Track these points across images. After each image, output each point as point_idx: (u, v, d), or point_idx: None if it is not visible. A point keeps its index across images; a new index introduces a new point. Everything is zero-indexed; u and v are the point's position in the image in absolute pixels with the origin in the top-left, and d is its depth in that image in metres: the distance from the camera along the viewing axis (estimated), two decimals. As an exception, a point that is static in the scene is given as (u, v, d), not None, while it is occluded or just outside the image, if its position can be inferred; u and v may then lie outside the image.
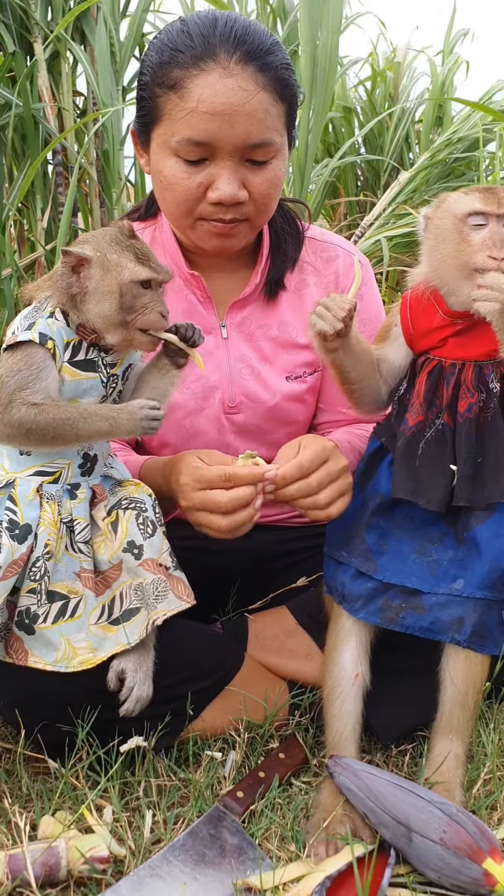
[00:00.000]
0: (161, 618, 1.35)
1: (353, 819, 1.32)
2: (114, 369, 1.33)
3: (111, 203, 3.88)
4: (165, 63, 1.47)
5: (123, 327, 1.29)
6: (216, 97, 1.42)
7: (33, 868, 1.20)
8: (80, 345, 1.30)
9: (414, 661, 1.45)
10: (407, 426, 1.42)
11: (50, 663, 1.31)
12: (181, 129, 1.45)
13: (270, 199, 1.54)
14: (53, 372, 1.26)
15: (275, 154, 1.50)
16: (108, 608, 1.36)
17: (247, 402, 1.67)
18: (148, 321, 1.29)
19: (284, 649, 1.60)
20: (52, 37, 3.66)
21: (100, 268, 1.26)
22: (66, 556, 1.33)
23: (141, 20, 4.04)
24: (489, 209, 1.34)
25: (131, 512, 1.37)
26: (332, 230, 4.82)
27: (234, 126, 1.43)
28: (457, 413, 1.39)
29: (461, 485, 1.37)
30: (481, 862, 1.20)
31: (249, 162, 1.48)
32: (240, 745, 1.49)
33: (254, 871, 1.24)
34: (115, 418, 1.27)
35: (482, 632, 1.37)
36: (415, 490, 1.39)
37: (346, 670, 1.44)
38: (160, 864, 1.24)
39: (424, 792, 1.28)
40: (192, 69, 1.43)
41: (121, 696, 1.36)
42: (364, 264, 1.77)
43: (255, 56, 1.45)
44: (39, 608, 1.31)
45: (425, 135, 4.77)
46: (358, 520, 1.47)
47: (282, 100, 1.49)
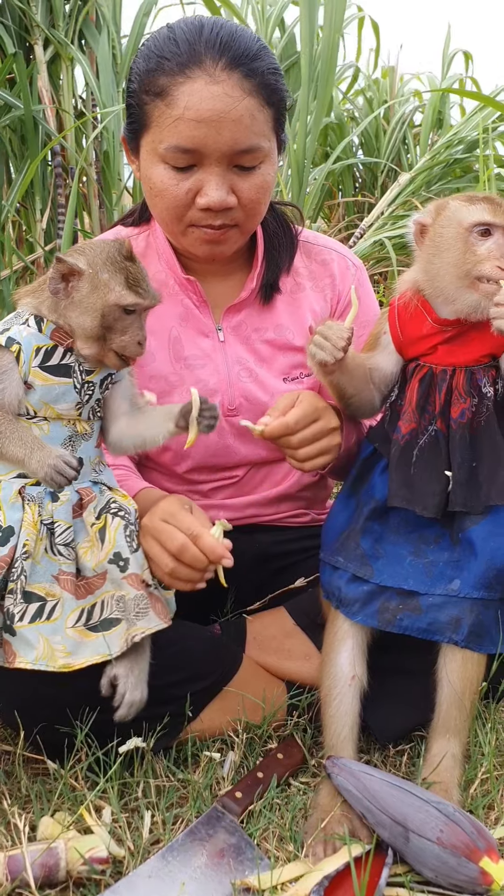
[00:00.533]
0: (140, 635, 1.34)
1: (351, 819, 1.32)
2: (90, 376, 1.33)
3: (110, 204, 3.89)
4: (152, 70, 1.47)
5: (100, 344, 1.29)
6: (202, 104, 1.42)
7: (32, 869, 1.21)
8: (55, 350, 1.31)
9: (411, 661, 1.45)
10: (400, 434, 1.43)
11: (31, 662, 1.30)
12: (168, 137, 1.45)
13: (259, 205, 1.54)
14: (14, 376, 1.28)
15: (263, 159, 1.50)
16: (88, 613, 1.35)
17: (246, 404, 1.67)
18: (123, 345, 1.29)
19: (282, 650, 1.61)
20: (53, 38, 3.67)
21: (89, 283, 1.27)
22: (44, 558, 1.33)
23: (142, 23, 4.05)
24: (497, 220, 1.35)
25: (120, 521, 1.37)
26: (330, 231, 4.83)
27: (221, 133, 1.43)
28: (450, 419, 1.40)
29: (457, 490, 1.37)
30: (478, 861, 1.20)
31: (237, 167, 1.48)
32: (238, 746, 1.50)
33: (252, 871, 1.25)
34: (29, 453, 1.28)
35: (479, 631, 1.38)
36: (410, 497, 1.40)
37: (344, 672, 1.44)
38: (159, 865, 1.25)
39: (422, 792, 1.29)
40: (178, 76, 1.44)
41: (114, 702, 1.35)
42: (358, 267, 1.77)
43: (240, 62, 1.45)
44: (15, 607, 1.30)
45: (424, 136, 4.79)
46: (353, 525, 1.48)
47: (269, 105, 1.49)
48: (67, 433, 1.34)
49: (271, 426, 1.42)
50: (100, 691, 1.36)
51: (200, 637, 1.57)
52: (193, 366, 1.65)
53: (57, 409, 1.32)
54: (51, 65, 3.82)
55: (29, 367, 1.29)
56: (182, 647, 1.49)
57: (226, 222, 1.51)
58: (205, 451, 1.68)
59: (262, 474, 1.75)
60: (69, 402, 1.32)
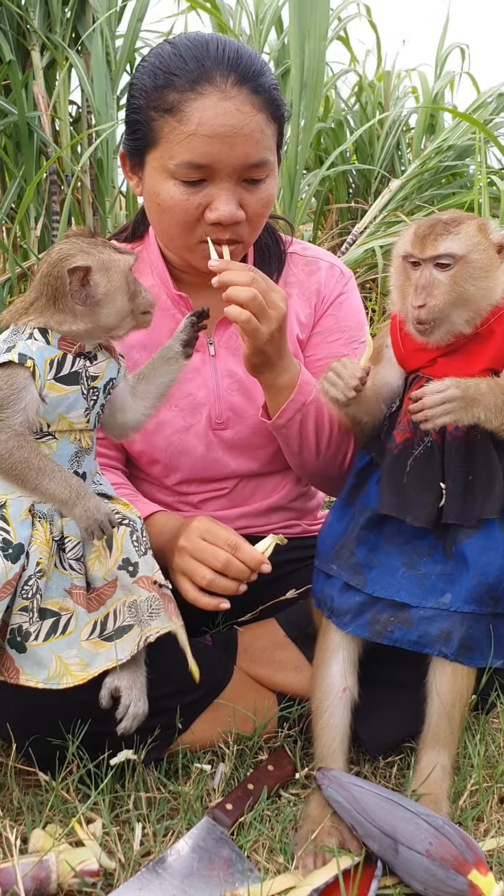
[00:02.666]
0: (154, 635, 1.36)
1: (341, 831, 1.33)
2: (95, 382, 1.35)
3: (104, 211, 3.90)
4: (160, 87, 1.48)
5: (132, 316, 1.33)
6: (216, 120, 1.44)
7: (24, 882, 1.21)
8: (65, 359, 1.31)
9: (402, 673, 1.46)
10: (394, 443, 1.44)
11: (42, 681, 1.31)
12: (180, 153, 1.46)
13: (263, 218, 1.57)
14: (33, 391, 1.28)
15: (269, 173, 1.53)
16: (101, 624, 1.36)
17: (234, 417, 1.68)
18: (147, 301, 1.35)
19: (273, 661, 1.61)
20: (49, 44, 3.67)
21: (101, 271, 1.29)
22: (55, 573, 1.34)
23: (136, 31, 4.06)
24: (415, 253, 1.37)
25: (125, 528, 1.39)
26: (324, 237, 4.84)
27: (234, 148, 1.45)
28: (445, 431, 1.41)
29: (451, 502, 1.38)
30: (467, 874, 1.21)
31: (246, 182, 1.50)
32: (229, 758, 1.51)
33: (242, 883, 1.26)
34: (75, 499, 1.28)
35: (469, 645, 1.39)
36: (400, 506, 1.41)
37: (334, 684, 1.45)
38: (149, 877, 1.25)
39: (411, 804, 1.30)
40: (189, 93, 1.45)
41: (117, 714, 1.36)
42: (346, 275, 1.78)
43: (248, 78, 1.47)
44: (31, 626, 1.31)
45: (416, 143, 4.80)
46: (348, 534, 1.49)
47: (274, 119, 1.52)
48: (74, 449, 1.35)
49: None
50: (92, 703, 1.36)
51: (192, 648, 1.57)
52: (182, 380, 1.65)
53: (69, 418, 1.32)
54: (47, 71, 3.82)
55: (44, 381, 1.29)
56: (173, 659, 1.49)
57: (233, 237, 1.52)
58: (194, 464, 1.69)
59: (252, 486, 1.76)
60: (80, 409, 1.33)
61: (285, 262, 1.74)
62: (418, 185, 4.35)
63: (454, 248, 1.35)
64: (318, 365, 1.73)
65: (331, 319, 1.74)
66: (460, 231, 1.36)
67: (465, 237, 1.36)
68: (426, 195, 4.40)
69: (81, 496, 1.28)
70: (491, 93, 4.69)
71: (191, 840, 1.32)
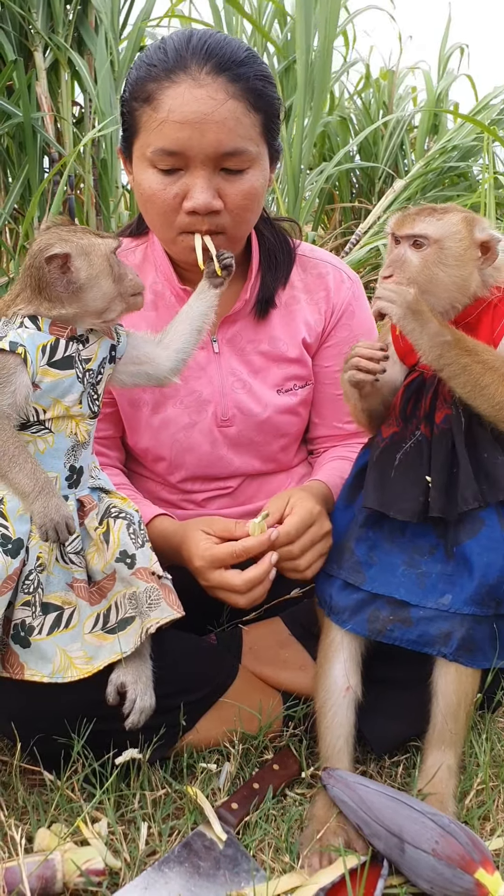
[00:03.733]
0: (154, 625, 1.36)
1: (347, 831, 1.33)
2: (89, 364, 1.35)
3: (108, 212, 3.90)
4: (142, 78, 1.50)
5: (119, 299, 1.34)
6: (185, 106, 1.44)
7: (29, 881, 1.21)
8: (57, 344, 1.32)
9: (407, 671, 1.46)
10: (381, 437, 1.45)
11: (47, 675, 1.32)
12: (155, 140, 1.47)
13: (247, 211, 1.55)
14: (24, 378, 1.28)
15: (250, 164, 1.51)
16: (104, 617, 1.37)
17: (239, 415, 1.68)
18: (134, 284, 1.35)
19: (278, 660, 1.61)
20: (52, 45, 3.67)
21: (81, 256, 1.30)
22: (57, 567, 1.34)
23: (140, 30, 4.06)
24: (395, 230, 1.41)
25: (122, 521, 1.39)
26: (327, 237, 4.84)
27: (205, 134, 1.45)
28: (434, 424, 1.41)
29: (435, 496, 1.38)
30: (473, 872, 1.21)
31: (224, 171, 1.50)
32: (234, 757, 1.50)
33: (248, 882, 1.25)
34: (37, 493, 1.27)
35: (470, 646, 1.38)
36: (385, 501, 1.41)
37: (338, 683, 1.45)
38: (155, 877, 1.25)
39: (417, 803, 1.29)
40: (164, 81, 1.46)
41: (124, 709, 1.37)
42: (354, 280, 1.78)
43: (226, 67, 1.47)
44: (34, 620, 1.32)
45: (420, 142, 4.80)
46: (348, 532, 1.48)
47: (256, 110, 1.50)
48: (70, 443, 1.35)
49: (273, 535, 1.44)
50: (97, 702, 1.37)
51: (196, 647, 1.57)
52: (187, 377, 1.66)
53: (65, 402, 1.33)
54: (50, 72, 3.83)
55: (37, 367, 1.29)
56: (178, 658, 1.49)
57: (212, 228, 1.52)
58: (199, 462, 1.69)
59: (256, 485, 1.76)
60: (75, 392, 1.33)
61: (293, 267, 1.73)
62: (422, 186, 4.35)
63: (429, 230, 1.37)
64: (335, 376, 1.73)
65: (345, 330, 1.75)
66: (444, 218, 1.38)
67: (445, 224, 1.37)
68: (430, 196, 4.39)
69: (44, 493, 1.27)
70: (496, 93, 4.69)
71: (197, 840, 1.31)
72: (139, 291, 1.36)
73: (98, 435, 1.66)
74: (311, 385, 1.74)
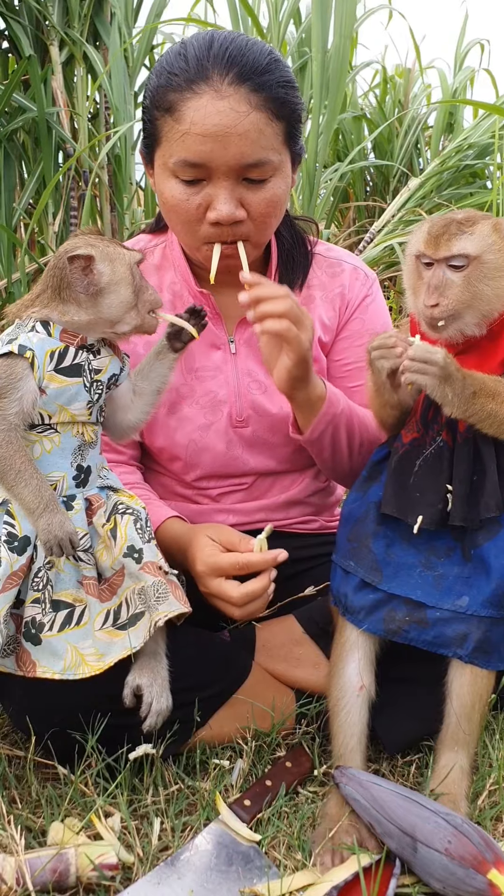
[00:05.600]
0: (163, 619, 1.36)
1: (359, 829, 1.33)
2: (98, 375, 1.36)
3: (122, 208, 3.90)
4: (162, 86, 1.49)
5: (135, 312, 1.34)
6: (207, 119, 1.43)
7: (43, 874, 1.22)
8: (66, 351, 1.32)
9: (421, 671, 1.46)
10: (401, 442, 1.43)
11: (58, 672, 1.33)
12: (177, 151, 1.47)
13: (270, 217, 1.55)
14: (31, 382, 1.29)
15: (272, 173, 1.50)
16: (115, 613, 1.37)
17: (254, 415, 1.68)
18: (153, 299, 1.36)
19: (292, 658, 1.61)
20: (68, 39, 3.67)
21: (105, 261, 1.31)
22: (67, 565, 1.35)
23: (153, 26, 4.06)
24: (428, 253, 1.35)
25: (129, 517, 1.40)
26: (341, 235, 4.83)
27: (228, 147, 1.44)
28: (457, 432, 1.40)
29: (458, 504, 1.37)
30: (486, 872, 1.21)
31: (247, 181, 1.49)
32: (247, 754, 1.51)
33: (261, 879, 1.26)
34: (42, 509, 1.28)
35: (486, 648, 1.38)
36: (402, 508, 1.40)
37: (352, 682, 1.45)
38: (168, 872, 1.26)
39: (430, 803, 1.29)
40: (186, 92, 1.45)
41: (141, 713, 1.37)
42: (371, 278, 1.78)
43: (248, 76, 1.44)
44: (45, 617, 1.33)
45: (435, 140, 4.78)
46: (364, 528, 1.48)
47: (279, 118, 1.48)
48: (77, 443, 1.36)
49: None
50: (110, 697, 1.37)
51: (210, 644, 1.58)
52: (203, 377, 1.66)
53: (71, 409, 1.33)
54: (65, 66, 3.83)
55: (43, 372, 1.30)
56: (192, 654, 1.50)
57: (235, 237, 1.51)
58: (214, 461, 1.70)
59: (271, 481, 1.76)
60: (81, 401, 1.34)
61: (311, 266, 1.73)
62: (437, 184, 4.33)
63: (468, 248, 1.33)
64: (346, 370, 1.73)
65: (358, 323, 1.74)
66: (475, 231, 1.34)
67: (479, 237, 1.34)
68: (445, 194, 4.38)
69: (49, 509, 1.28)
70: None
71: (209, 835, 1.32)
72: (156, 307, 1.37)
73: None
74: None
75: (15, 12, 3.64)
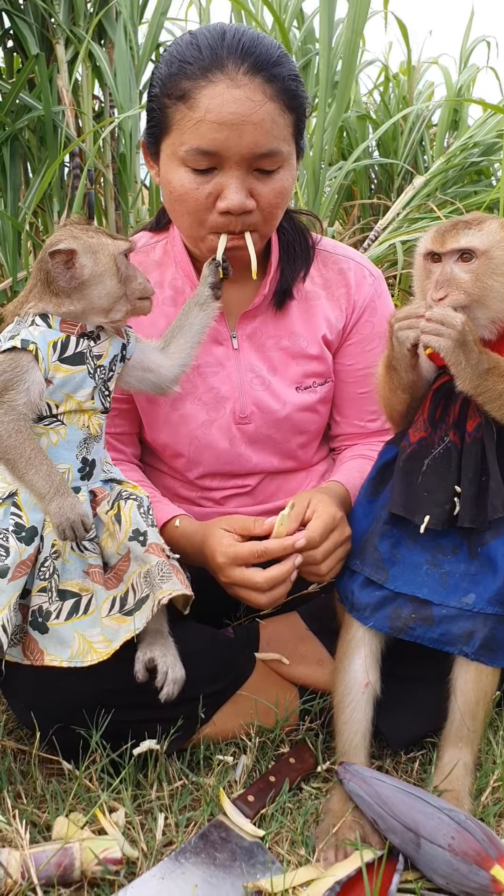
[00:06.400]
0: (166, 597, 1.36)
1: (363, 825, 1.33)
2: (100, 360, 1.38)
3: (126, 206, 3.90)
4: (174, 74, 1.49)
5: (125, 300, 1.36)
6: (224, 107, 1.44)
7: (47, 868, 1.22)
8: (68, 340, 1.34)
9: (425, 668, 1.46)
10: (408, 441, 1.43)
11: (66, 660, 1.34)
12: (190, 139, 1.47)
13: (277, 209, 1.56)
14: (37, 375, 1.31)
15: (282, 164, 1.52)
16: (122, 600, 1.38)
17: (257, 412, 1.68)
18: (142, 287, 1.37)
19: (295, 654, 1.61)
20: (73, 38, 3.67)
21: (88, 253, 1.32)
22: (72, 555, 1.37)
23: (159, 24, 4.05)
24: (436, 248, 1.37)
25: (132, 502, 1.42)
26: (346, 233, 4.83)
27: (242, 136, 1.45)
28: (465, 432, 1.40)
29: (466, 506, 1.37)
30: (489, 868, 1.21)
31: (257, 171, 1.50)
32: (251, 750, 1.51)
33: (264, 874, 1.26)
34: (53, 493, 1.29)
35: (492, 645, 1.38)
36: (410, 507, 1.40)
37: (357, 679, 1.45)
38: (171, 867, 1.26)
39: (433, 799, 1.30)
40: (201, 80, 1.45)
41: (157, 682, 1.38)
42: (376, 276, 1.78)
43: (262, 67, 1.46)
44: (51, 605, 1.35)
45: (440, 139, 4.76)
46: (372, 528, 1.48)
47: (289, 110, 1.50)
48: (83, 436, 1.38)
49: (299, 544, 1.43)
50: (115, 691, 1.39)
51: (214, 640, 1.58)
52: (206, 373, 1.67)
53: (76, 397, 1.35)
54: (71, 65, 3.82)
55: (48, 363, 1.32)
56: (195, 651, 1.50)
57: (244, 227, 1.52)
58: (217, 458, 1.70)
59: (276, 484, 1.76)
60: (87, 388, 1.36)
61: (313, 261, 1.73)
62: (442, 182, 4.32)
63: (475, 242, 1.34)
64: (359, 374, 1.73)
65: (367, 326, 1.74)
66: (483, 228, 1.36)
67: (487, 233, 1.35)
68: (450, 192, 4.37)
69: (59, 493, 1.30)
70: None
71: (213, 831, 1.32)
72: (146, 296, 1.38)
73: (114, 431, 1.67)
74: (330, 382, 1.74)
75: (20, 11, 3.64)
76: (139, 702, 1.41)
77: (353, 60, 3.49)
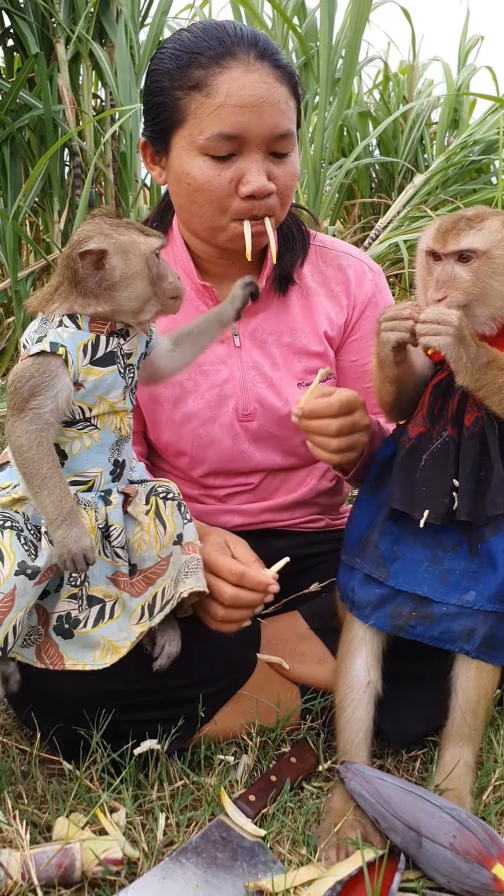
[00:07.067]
0: (188, 591, 1.35)
1: (364, 824, 1.33)
2: (129, 359, 1.34)
3: (127, 205, 3.90)
4: (184, 66, 1.50)
5: (155, 301, 1.31)
6: (244, 90, 1.46)
7: (48, 869, 1.22)
8: (98, 341, 1.29)
9: (426, 666, 1.46)
10: (407, 437, 1.43)
11: (89, 663, 1.32)
12: (210, 125, 1.47)
13: (291, 192, 1.59)
14: (66, 380, 1.26)
15: (293, 147, 1.55)
16: (149, 608, 1.37)
17: (260, 409, 1.68)
18: (173, 286, 1.33)
19: (296, 654, 1.61)
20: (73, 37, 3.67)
21: (119, 254, 1.26)
22: (100, 560, 1.33)
23: (160, 23, 4.05)
24: (437, 248, 1.36)
25: (171, 503, 1.39)
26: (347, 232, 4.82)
27: (263, 117, 1.47)
28: (462, 426, 1.40)
29: (463, 500, 1.37)
30: (491, 867, 1.21)
31: (273, 155, 1.52)
32: (252, 749, 1.51)
33: (265, 874, 1.26)
34: (60, 520, 1.24)
35: (492, 643, 1.38)
36: (410, 501, 1.40)
37: (359, 678, 1.45)
38: (173, 867, 1.26)
39: (435, 797, 1.29)
40: (215, 67, 1.47)
41: (153, 653, 1.39)
42: (376, 272, 1.78)
43: (268, 54, 1.51)
44: (80, 613, 1.32)
45: (440, 137, 4.76)
46: (372, 526, 1.48)
47: (294, 96, 1.55)
48: (115, 438, 1.35)
49: (314, 403, 1.41)
50: (116, 692, 1.39)
51: (215, 639, 1.58)
52: (208, 371, 1.66)
53: (109, 398, 1.31)
54: (71, 64, 3.83)
55: (78, 367, 1.27)
56: (196, 650, 1.50)
57: (266, 212, 1.53)
58: (220, 456, 1.69)
59: (278, 481, 1.76)
60: (118, 388, 1.33)
61: (309, 252, 1.73)
62: (443, 180, 4.32)
63: (476, 242, 1.34)
64: (363, 370, 1.73)
65: (370, 323, 1.73)
66: (483, 226, 1.35)
67: (488, 232, 1.35)
68: (450, 190, 4.37)
69: (67, 521, 1.24)
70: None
71: (214, 831, 1.32)
72: (178, 295, 1.34)
73: None
74: (333, 378, 1.74)
75: (21, 10, 3.64)
76: (140, 702, 1.41)
77: (354, 57, 3.49)
